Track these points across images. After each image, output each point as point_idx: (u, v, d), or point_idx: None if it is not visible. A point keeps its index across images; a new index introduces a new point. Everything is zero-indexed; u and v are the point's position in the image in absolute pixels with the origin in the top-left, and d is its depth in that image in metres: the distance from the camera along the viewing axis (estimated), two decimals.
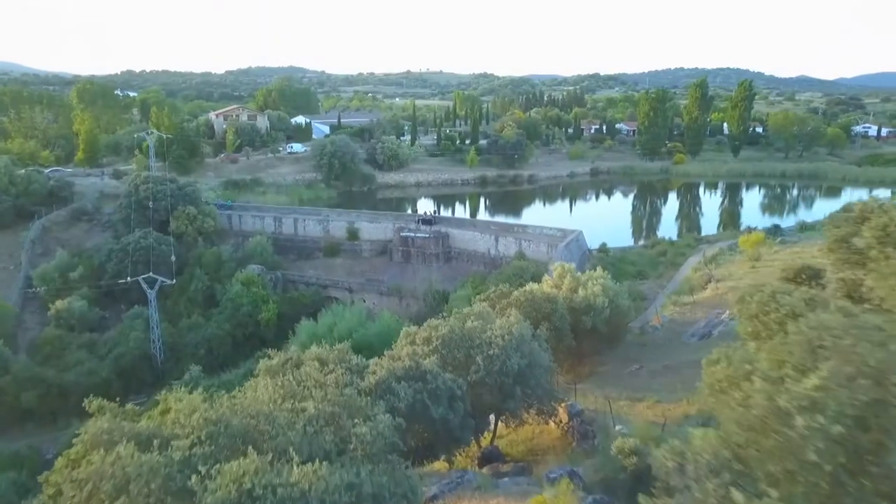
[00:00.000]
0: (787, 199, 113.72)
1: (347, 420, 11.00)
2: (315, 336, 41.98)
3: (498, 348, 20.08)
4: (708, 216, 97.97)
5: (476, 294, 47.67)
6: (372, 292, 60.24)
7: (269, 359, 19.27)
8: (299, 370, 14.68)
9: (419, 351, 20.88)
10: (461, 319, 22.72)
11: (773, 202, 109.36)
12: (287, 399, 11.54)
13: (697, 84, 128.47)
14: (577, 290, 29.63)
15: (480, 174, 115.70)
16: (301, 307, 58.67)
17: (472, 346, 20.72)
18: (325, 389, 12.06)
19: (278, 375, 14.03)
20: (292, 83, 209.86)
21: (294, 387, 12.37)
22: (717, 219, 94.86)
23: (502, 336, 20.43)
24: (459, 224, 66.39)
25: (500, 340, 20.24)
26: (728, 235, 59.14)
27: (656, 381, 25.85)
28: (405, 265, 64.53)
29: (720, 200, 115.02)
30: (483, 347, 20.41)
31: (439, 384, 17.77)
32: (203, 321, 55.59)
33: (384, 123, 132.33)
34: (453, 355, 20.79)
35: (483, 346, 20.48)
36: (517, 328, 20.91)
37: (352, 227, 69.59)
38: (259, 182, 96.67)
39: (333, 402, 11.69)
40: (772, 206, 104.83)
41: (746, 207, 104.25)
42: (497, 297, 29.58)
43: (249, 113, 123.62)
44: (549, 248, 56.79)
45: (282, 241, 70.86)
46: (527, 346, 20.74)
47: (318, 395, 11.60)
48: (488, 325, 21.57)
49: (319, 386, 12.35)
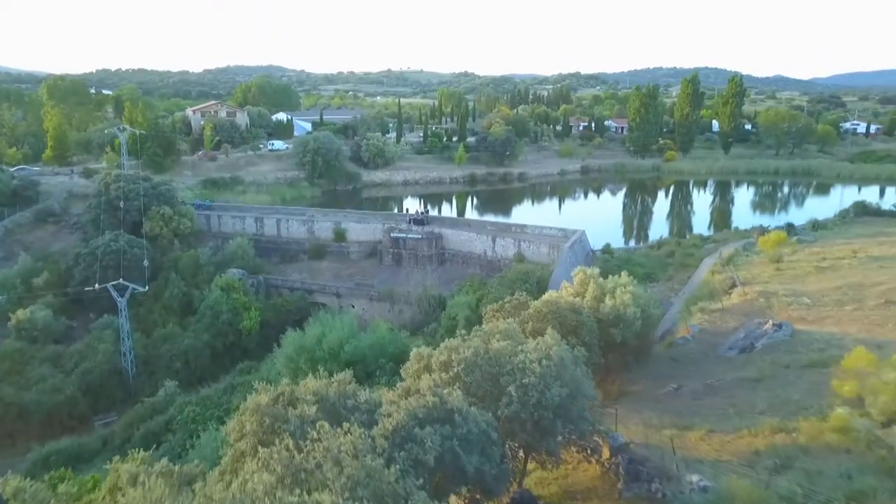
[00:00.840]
0: (779, 197, 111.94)
1: None
2: (303, 349, 38.21)
3: (534, 376, 16.64)
4: (705, 215, 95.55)
5: (479, 300, 44.31)
6: (362, 297, 56.50)
7: (257, 392, 15.56)
8: (302, 432, 10.94)
9: (437, 379, 17.37)
10: (484, 338, 19.25)
11: (767, 200, 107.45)
12: (291, 489, 7.98)
13: (689, 80, 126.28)
14: (604, 298, 26.27)
15: (469, 172, 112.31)
16: (285, 314, 54.82)
17: (502, 373, 17.28)
18: (341, 465, 8.50)
19: (273, 444, 10.24)
20: (272, 81, 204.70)
21: (298, 463, 8.75)
22: (717, 217, 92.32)
23: (539, 361, 16.98)
24: (453, 224, 62.86)
25: (536, 367, 16.80)
26: (737, 235, 56.42)
27: (702, 404, 22.58)
28: (396, 268, 60.86)
29: (712, 198, 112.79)
30: (515, 374, 16.97)
31: (471, 427, 14.28)
32: (179, 331, 51.45)
33: (368, 120, 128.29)
34: (479, 384, 17.32)
35: (515, 372, 17.04)
36: (556, 351, 17.45)
37: (338, 227, 65.75)
38: (239, 181, 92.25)
39: (355, 483, 8.07)
40: (768, 204, 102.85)
41: (743, 206, 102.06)
42: (514, 307, 26.09)
43: (228, 109, 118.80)
44: (550, 250, 53.57)
45: (264, 242, 66.80)
46: (568, 373, 17.31)
47: (333, 476, 8.05)
48: (519, 346, 18.12)
49: (333, 461, 8.76)
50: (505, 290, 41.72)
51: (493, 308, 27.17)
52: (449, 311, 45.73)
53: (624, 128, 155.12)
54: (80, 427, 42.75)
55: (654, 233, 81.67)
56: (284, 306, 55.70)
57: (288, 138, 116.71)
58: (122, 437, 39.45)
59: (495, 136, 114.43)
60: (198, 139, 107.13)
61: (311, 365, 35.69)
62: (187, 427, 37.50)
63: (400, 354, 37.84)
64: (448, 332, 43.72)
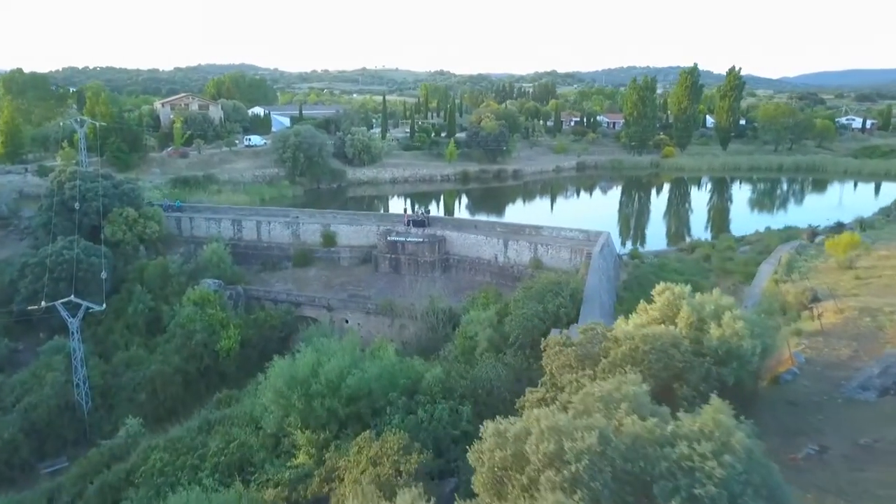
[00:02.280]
0: (793, 194, 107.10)
1: None
2: (294, 380, 31.22)
3: (712, 483, 10.12)
4: (722, 213, 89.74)
5: (501, 316, 37.71)
6: (356, 311, 49.54)
7: None
8: None
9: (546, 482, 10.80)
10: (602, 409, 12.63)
11: (784, 197, 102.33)
12: None
13: (687, 72, 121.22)
14: (705, 327, 19.88)
15: (462, 169, 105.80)
16: (269, 331, 47.80)
17: (654, 476, 10.73)
18: None
19: None
20: (246, 75, 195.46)
21: None
22: (736, 216, 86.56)
23: (715, 456, 10.46)
24: (458, 226, 56.18)
25: (714, 467, 10.28)
26: (775, 235, 50.64)
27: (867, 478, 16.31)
28: (395, 276, 54.01)
29: (720, 196, 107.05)
30: (677, 478, 10.45)
31: None
32: (145, 354, 43.98)
33: (351, 114, 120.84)
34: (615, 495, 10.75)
35: (676, 475, 10.51)
36: (740, 441, 10.91)
37: (327, 230, 58.65)
38: (213, 179, 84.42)
39: None
40: (787, 202, 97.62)
41: (760, 204, 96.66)
42: (588, 339, 19.54)
43: (201, 102, 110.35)
44: (572, 255, 47.29)
45: (242, 248, 59.46)
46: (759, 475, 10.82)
47: None
48: (669, 425, 11.57)
49: None
50: (533, 304, 35.28)
51: (558, 342, 20.57)
52: (464, 329, 39.00)
53: (616, 123, 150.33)
54: (21, 478, 35.20)
55: (670, 233, 76.09)
56: (268, 322, 48.48)
57: (266, 133, 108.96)
58: (73, 493, 31.99)
59: (488, 131, 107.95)
60: (167, 134, 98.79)
61: (306, 401, 29.04)
62: (153, 481, 30.23)
63: (413, 385, 31.45)
64: (465, 354, 37.14)
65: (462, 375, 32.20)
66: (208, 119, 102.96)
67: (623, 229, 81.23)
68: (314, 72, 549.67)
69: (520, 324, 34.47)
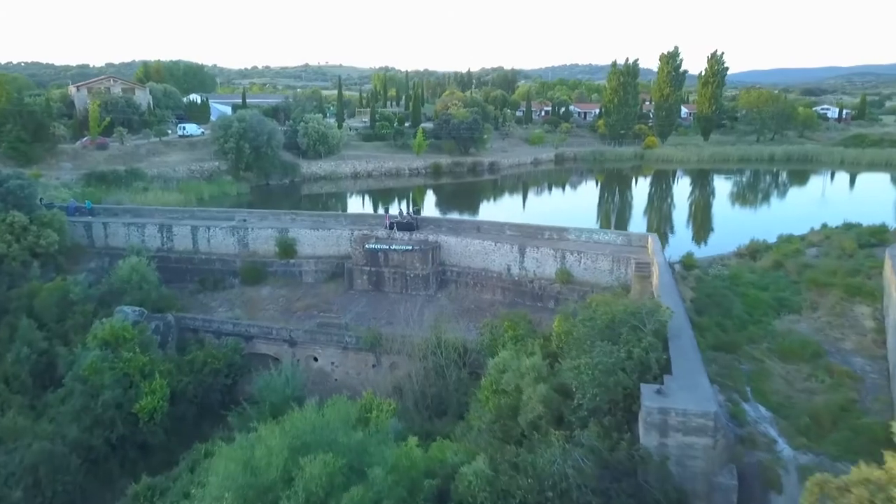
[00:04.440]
0: (816, 187, 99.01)
1: None
2: (250, 489, 19.11)
3: None
4: (743, 210, 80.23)
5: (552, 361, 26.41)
6: (329, 345, 37.27)
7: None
8: None
9: None
10: None
11: (803, 191, 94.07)
12: None
13: (669, 55, 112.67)
14: None
15: (432, 162, 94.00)
16: (210, 377, 35.26)
17: None
18: None
19: None
20: (181, 62, 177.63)
21: None
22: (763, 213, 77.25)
23: None
24: (456, 229, 44.49)
25: None
26: (847, 234, 41.13)
27: None
28: (376, 295, 42.01)
29: (740, 187, 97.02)
30: None
31: None
32: (27, 422, 30.57)
33: (303, 101, 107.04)
34: None
35: None
36: None
37: (284, 236, 46.02)
38: (139, 175, 69.90)
39: None
40: (811, 197, 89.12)
41: (781, 198, 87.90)
42: None
43: (125, 84, 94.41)
44: (614, 265, 36.49)
45: (174, 262, 46.25)
46: None
47: None
48: None
49: None
50: (606, 347, 23.89)
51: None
52: (494, 379, 27.26)
53: (587, 113, 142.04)
54: None
55: (696, 234, 65.98)
56: (209, 364, 35.69)
57: (204, 123, 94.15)
58: None
59: (460, 119, 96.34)
60: (83, 122, 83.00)
61: None
62: None
63: (443, 485, 20.31)
64: (502, 421, 25.60)
65: (516, 466, 20.96)
66: (134, 105, 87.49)
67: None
68: (255, 68, 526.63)
69: (593, 378, 23.00)
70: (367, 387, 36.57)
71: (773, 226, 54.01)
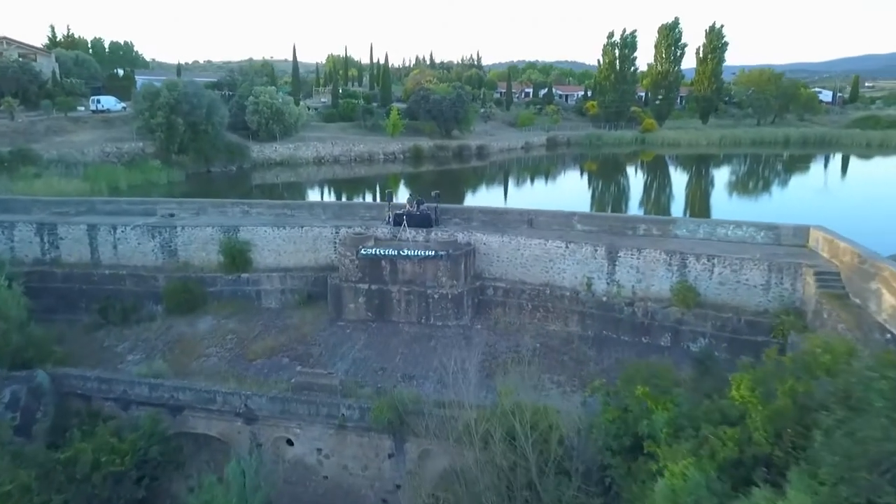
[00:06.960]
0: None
1: None
2: None
3: None
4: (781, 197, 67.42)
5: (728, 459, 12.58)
6: (314, 422, 22.19)
7: None
8: None
9: None
10: None
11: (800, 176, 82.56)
12: None
13: (668, 27, 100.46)
14: None
15: (412, 145, 78.91)
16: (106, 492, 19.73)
17: None
18: None
19: None
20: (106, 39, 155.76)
21: None
22: None
23: None
24: (495, 221, 29.88)
25: None
26: None
27: None
28: (380, 328, 27.14)
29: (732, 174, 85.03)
30: None
31: None
32: None
33: (251, 73, 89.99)
34: None
35: None
36: None
37: (233, 238, 30.41)
38: (31, 157, 52.41)
39: None
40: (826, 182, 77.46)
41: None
42: None
43: (23, 49, 75.48)
44: (772, 275, 22.88)
45: (60, 279, 30.22)
46: None
47: None
48: None
49: None
50: None
51: None
52: None
53: (569, 96, 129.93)
54: None
55: None
56: (105, 465, 20.18)
57: (128, 99, 76.18)
58: None
59: (441, 95, 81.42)
60: None
61: None
62: None
63: None
64: None
65: None
66: (33, 73, 68.94)
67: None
68: (196, 62, 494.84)
69: None
70: (380, 492, 21.98)
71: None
